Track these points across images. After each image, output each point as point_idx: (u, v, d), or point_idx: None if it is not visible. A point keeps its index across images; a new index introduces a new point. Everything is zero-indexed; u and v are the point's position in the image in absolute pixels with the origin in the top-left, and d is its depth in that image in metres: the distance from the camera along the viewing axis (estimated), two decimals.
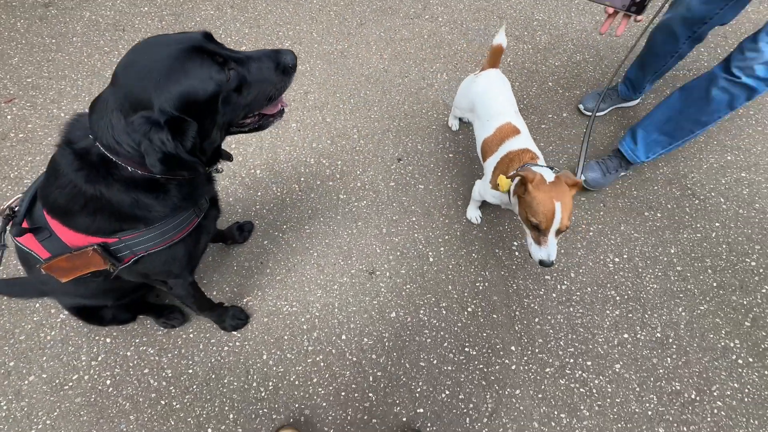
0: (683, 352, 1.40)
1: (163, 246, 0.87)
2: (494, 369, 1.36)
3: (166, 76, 0.69)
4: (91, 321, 1.21)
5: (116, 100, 0.71)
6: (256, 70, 0.80)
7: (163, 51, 0.71)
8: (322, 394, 1.31)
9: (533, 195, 1.07)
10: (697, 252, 1.58)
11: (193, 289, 1.13)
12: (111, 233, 0.82)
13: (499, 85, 1.45)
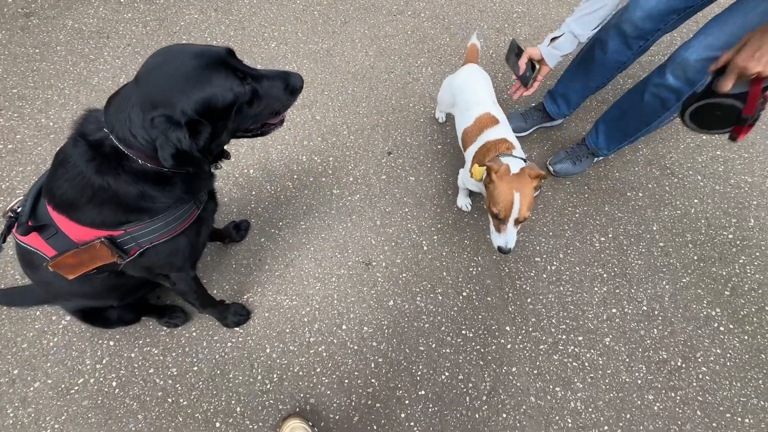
0: (668, 322, 1.47)
1: (167, 237, 0.91)
2: (491, 349, 1.42)
3: (192, 82, 0.77)
4: (97, 323, 1.23)
5: (139, 98, 0.76)
6: (268, 87, 0.89)
7: (191, 60, 0.78)
8: (326, 383, 1.35)
9: (496, 185, 1.13)
10: (677, 228, 1.66)
11: (195, 284, 1.16)
12: (117, 225, 0.85)
13: (479, 78, 1.50)
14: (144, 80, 0.78)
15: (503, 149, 1.28)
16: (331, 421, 1.30)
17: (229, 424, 1.29)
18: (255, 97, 0.87)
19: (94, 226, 0.83)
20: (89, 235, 0.84)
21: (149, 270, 1.00)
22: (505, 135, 1.33)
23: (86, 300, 1.10)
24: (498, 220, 1.16)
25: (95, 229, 0.84)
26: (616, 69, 1.51)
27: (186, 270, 1.07)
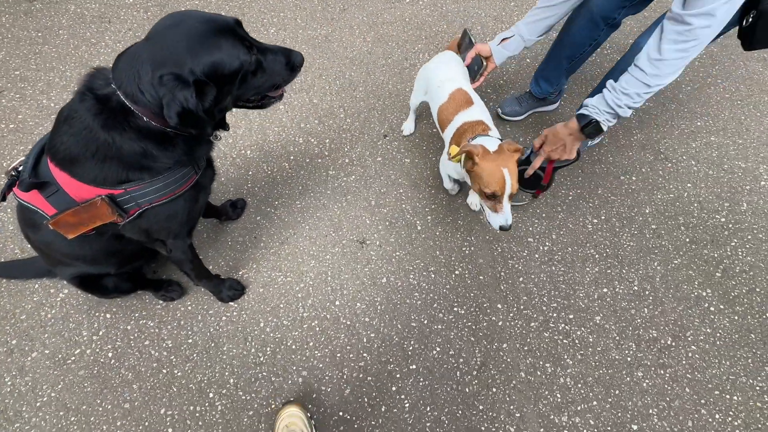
0: (659, 302, 1.48)
1: (166, 199, 0.93)
2: (482, 326, 1.43)
3: (202, 45, 0.80)
4: (94, 291, 1.25)
5: (149, 55, 0.78)
6: (271, 60, 0.93)
7: (202, 24, 0.81)
8: (319, 357, 1.37)
9: (482, 166, 1.13)
10: (670, 211, 1.67)
11: (190, 253, 1.18)
12: (117, 184, 0.87)
13: (452, 62, 1.50)
14: (155, 39, 0.80)
15: (480, 131, 1.28)
16: (323, 393, 1.32)
17: (222, 395, 1.31)
18: (259, 68, 0.90)
19: (95, 183, 0.85)
20: (90, 192, 0.86)
21: (147, 233, 1.02)
22: (482, 116, 1.34)
23: (84, 265, 1.12)
24: (493, 200, 1.16)
25: (96, 187, 0.85)
26: (588, 45, 1.54)
27: (182, 237, 1.09)
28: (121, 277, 1.24)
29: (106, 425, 1.26)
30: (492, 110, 1.91)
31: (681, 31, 1.00)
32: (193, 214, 1.06)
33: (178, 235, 1.06)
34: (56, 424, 1.26)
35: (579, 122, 1.23)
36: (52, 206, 0.88)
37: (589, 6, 1.43)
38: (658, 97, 1.98)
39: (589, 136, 1.23)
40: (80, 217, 0.87)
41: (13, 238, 1.54)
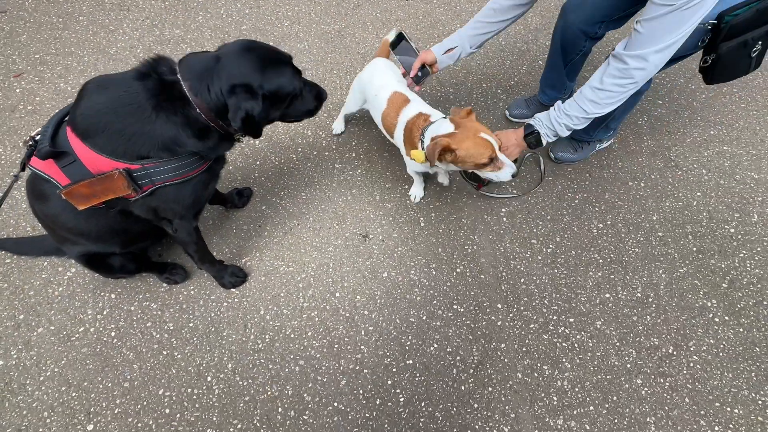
0: (662, 310, 1.46)
1: (178, 180, 0.97)
2: (481, 325, 1.43)
3: (272, 69, 0.99)
4: (100, 270, 1.27)
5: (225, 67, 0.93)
6: (308, 90, 1.14)
7: (271, 54, 1.01)
8: (316, 347, 1.38)
9: (464, 150, 1.17)
10: (678, 219, 1.64)
11: (196, 235, 1.20)
12: (137, 159, 0.91)
13: (385, 70, 1.52)
14: (230, 56, 0.95)
15: (422, 123, 1.31)
16: (319, 383, 1.32)
17: (220, 379, 1.32)
18: (301, 94, 1.10)
19: (114, 156, 0.88)
20: (107, 165, 0.89)
21: (155, 212, 1.04)
22: (419, 108, 1.37)
23: (89, 243, 1.14)
24: (491, 163, 1.20)
25: (115, 160, 0.88)
26: (576, 54, 1.60)
27: (188, 219, 1.12)
28: (126, 257, 1.27)
29: (105, 402, 1.28)
30: (501, 111, 1.91)
31: (620, 69, 1.11)
32: (201, 198, 1.10)
33: (184, 216, 1.09)
34: (58, 399, 1.28)
35: (525, 130, 1.33)
36: (67, 177, 0.90)
37: (567, 21, 1.50)
38: (670, 103, 1.96)
39: (530, 145, 1.34)
40: (94, 188, 0.89)
41: (25, 216, 1.58)
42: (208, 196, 1.17)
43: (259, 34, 2.12)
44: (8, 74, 1.96)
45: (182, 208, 1.06)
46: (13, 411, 1.27)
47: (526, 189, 1.70)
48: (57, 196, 0.94)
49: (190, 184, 1.02)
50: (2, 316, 1.40)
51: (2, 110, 1.85)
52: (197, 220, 1.18)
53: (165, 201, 1.02)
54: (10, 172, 1.68)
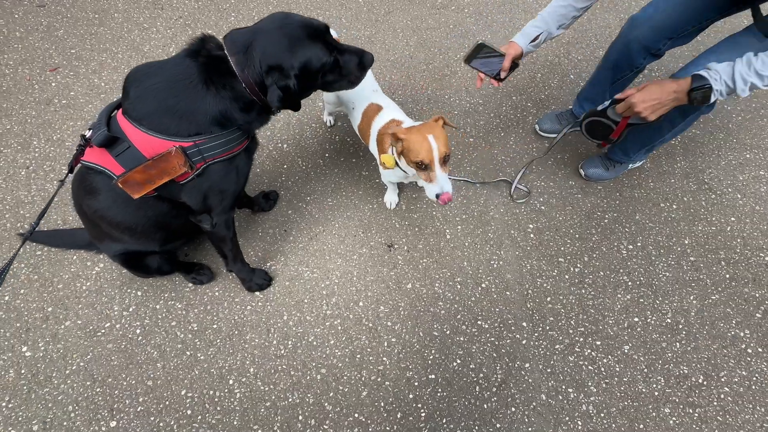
0: (693, 338, 1.42)
1: (225, 156, 1.01)
2: (505, 342, 1.41)
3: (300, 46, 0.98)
4: (137, 269, 1.29)
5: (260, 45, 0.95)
6: (347, 60, 1.08)
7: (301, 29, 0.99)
8: (339, 356, 1.37)
9: (408, 139, 1.13)
10: (711, 244, 1.60)
11: (233, 229, 1.25)
12: (189, 136, 0.94)
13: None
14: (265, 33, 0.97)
15: (394, 126, 1.29)
16: (340, 393, 1.32)
17: (242, 383, 1.33)
18: (336, 66, 1.06)
19: (168, 134, 0.91)
20: (162, 146, 0.91)
21: (204, 197, 1.07)
22: (392, 115, 1.34)
23: (132, 239, 1.15)
24: (425, 169, 1.13)
25: (168, 140, 0.91)
26: (630, 71, 1.55)
27: (227, 208, 1.16)
28: (163, 258, 1.28)
29: (128, 399, 1.29)
30: (530, 125, 1.89)
31: None
32: (241, 179, 1.15)
33: (226, 204, 1.13)
34: (82, 393, 1.30)
35: (692, 82, 1.11)
36: (121, 165, 0.92)
37: (631, 35, 1.44)
38: (705, 124, 1.91)
39: (693, 101, 1.13)
40: (149, 173, 0.92)
41: (56, 210, 1.60)
42: (245, 181, 1.20)
43: None
44: (45, 68, 2.00)
45: (230, 187, 1.10)
46: (39, 403, 1.28)
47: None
48: (108, 189, 0.98)
49: (233, 163, 1.06)
50: (32, 307, 1.43)
51: (38, 103, 1.88)
52: (234, 210, 1.22)
53: (214, 181, 1.05)
54: (43, 165, 1.71)
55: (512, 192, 1.51)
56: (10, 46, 2.06)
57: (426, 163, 1.11)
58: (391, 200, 1.65)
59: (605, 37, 2.19)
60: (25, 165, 1.71)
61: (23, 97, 1.90)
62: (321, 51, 1.00)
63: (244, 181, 1.18)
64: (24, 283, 1.47)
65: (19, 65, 2.00)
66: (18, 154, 1.74)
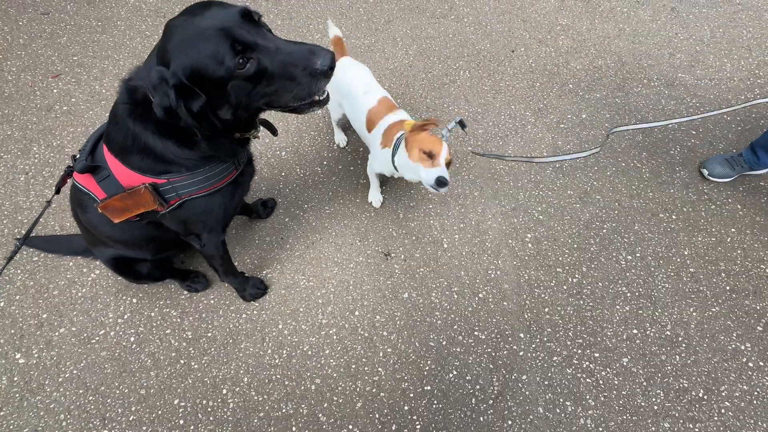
0: (692, 351, 1.40)
1: (205, 192, 0.95)
2: (502, 354, 1.39)
3: (186, 46, 0.73)
4: (128, 275, 1.28)
5: (158, 47, 0.77)
6: (281, 65, 0.77)
7: (198, 22, 0.74)
8: (333, 365, 1.36)
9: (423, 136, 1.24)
10: (711, 255, 1.59)
11: (222, 249, 1.20)
12: (159, 173, 0.89)
13: (357, 68, 1.54)
14: (167, 32, 0.77)
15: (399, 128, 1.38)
16: (335, 403, 1.30)
17: (236, 393, 1.31)
18: (263, 74, 0.77)
19: (141, 171, 0.88)
20: (136, 180, 0.89)
21: (185, 225, 1.04)
22: (403, 117, 1.44)
23: (125, 249, 1.15)
24: (431, 158, 1.22)
25: (142, 175, 0.88)
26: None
27: (216, 231, 1.11)
28: (155, 264, 1.27)
29: (121, 408, 1.28)
30: (529, 134, 1.89)
31: None
32: (229, 209, 1.08)
33: (213, 229, 1.09)
34: (75, 401, 1.29)
35: None
36: (103, 191, 0.92)
37: None
38: (705, 134, 1.91)
39: None
40: (126, 203, 0.90)
41: (54, 215, 1.61)
42: (236, 208, 1.16)
43: None
44: (47, 74, 2.01)
45: (212, 219, 1.05)
46: (30, 411, 1.27)
47: None
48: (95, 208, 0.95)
49: (216, 196, 0.99)
50: (26, 314, 1.42)
51: (39, 110, 1.90)
52: (225, 233, 1.18)
53: (193, 213, 1.01)
54: (42, 171, 1.72)
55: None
56: (13, 52, 2.09)
57: (435, 153, 1.21)
58: (375, 198, 1.66)
59: (604, 47, 2.20)
60: (25, 171, 1.72)
61: (25, 103, 1.92)
62: (219, 52, 0.72)
63: (232, 210, 1.11)
64: (20, 289, 1.46)
65: (22, 72, 2.02)
66: (18, 159, 1.75)
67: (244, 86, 0.78)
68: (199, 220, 1.04)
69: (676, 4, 2.39)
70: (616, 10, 2.36)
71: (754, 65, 2.12)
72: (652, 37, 2.24)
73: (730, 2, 2.40)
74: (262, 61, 0.77)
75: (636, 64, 2.14)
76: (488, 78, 2.07)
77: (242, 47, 0.74)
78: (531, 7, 2.38)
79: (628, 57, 2.16)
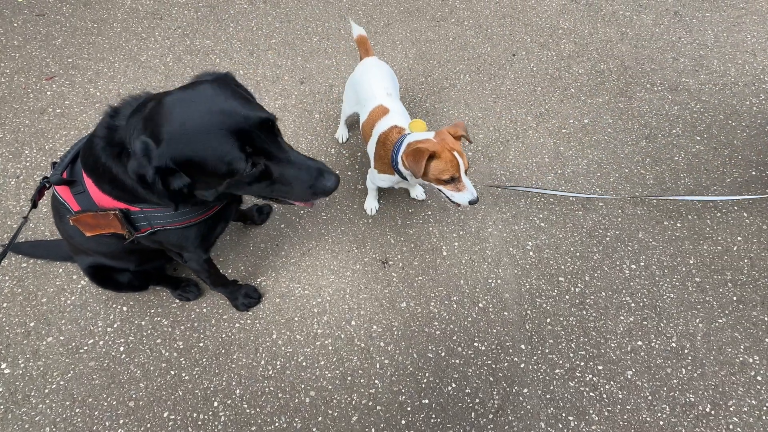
0: (699, 364, 1.36)
1: (179, 225, 0.92)
2: (502, 366, 1.35)
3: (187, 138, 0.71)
4: (107, 285, 1.24)
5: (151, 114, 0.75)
6: (289, 176, 0.80)
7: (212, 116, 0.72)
8: (329, 377, 1.32)
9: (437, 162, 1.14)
10: (717, 264, 1.55)
11: (207, 265, 1.16)
12: (133, 203, 0.86)
13: (374, 71, 1.45)
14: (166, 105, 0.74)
15: (395, 135, 1.28)
16: (329, 417, 1.26)
17: (227, 405, 1.27)
18: (263, 179, 0.80)
19: (113, 197, 0.86)
20: (108, 203, 0.86)
21: (162, 245, 1.01)
22: (395, 122, 1.31)
23: (105, 258, 1.12)
24: (453, 183, 1.17)
25: (114, 200, 0.86)
26: None
27: (197, 254, 1.08)
28: (135, 274, 1.23)
29: (108, 421, 1.24)
30: (530, 139, 1.85)
31: None
32: (208, 238, 1.05)
33: (192, 252, 1.06)
34: (61, 414, 1.25)
35: None
36: (78, 204, 0.89)
37: None
38: (709, 140, 1.87)
39: None
40: (98, 220, 0.88)
41: (44, 220, 1.57)
42: (219, 235, 1.11)
43: (288, 48, 2.12)
44: (41, 77, 1.98)
45: (190, 245, 1.01)
46: (15, 423, 1.23)
47: None
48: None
49: (191, 229, 0.95)
50: (13, 322, 1.38)
51: (32, 112, 1.87)
52: (208, 252, 1.14)
53: (166, 240, 0.98)
54: (33, 174, 1.69)
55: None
56: (7, 54, 2.06)
57: (455, 177, 1.16)
58: (371, 206, 1.62)
59: (606, 51, 2.17)
60: (16, 174, 1.68)
61: (17, 105, 1.88)
62: (229, 154, 0.72)
63: (213, 238, 1.07)
64: (7, 296, 1.42)
65: (16, 74, 1.99)
66: (9, 163, 1.71)
67: (240, 184, 0.79)
68: (176, 245, 1.01)
69: (679, 8, 2.36)
70: (618, 14, 2.33)
71: (759, 70, 2.09)
72: (655, 41, 2.21)
73: (734, 6, 2.37)
74: (270, 168, 0.79)
75: (639, 69, 2.10)
76: (489, 82, 2.04)
77: (252, 151, 0.75)
78: (532, 10, 2.35)
79: (631, 61, 2.13)
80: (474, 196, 1.17)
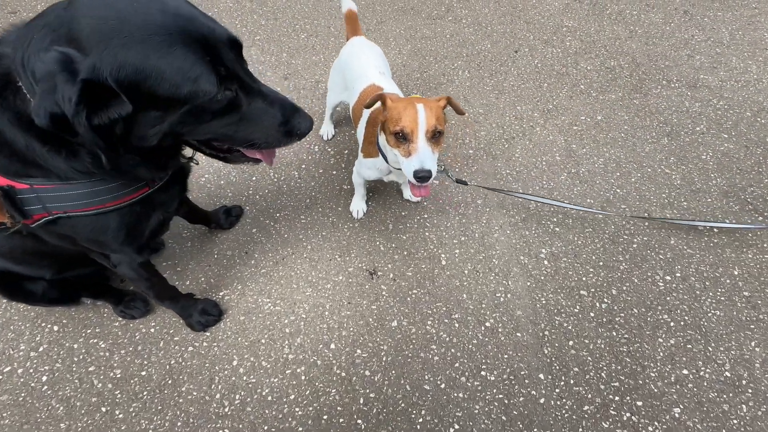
0: (762, 398, 1.09)
1: (89, 211, 0.68)
2: (517, 401, 1.08)
3: (138, 40, 0.52)
4: (15, 296, 0.98)
5: (60, 19, 0.54)
6: (258, 110, 0.67)
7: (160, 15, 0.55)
8: (300, 416, 1.05)
9: (391, 106, 0.95)
10: (766, 276, 1.31)
11: (145, 271, 0.92)
12: (18, 176, 0.63)
13: (364, 50, 1.31)
14: (85, 3, 0.55)
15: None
16: None
17: None
18: (231, 111, 0.64)
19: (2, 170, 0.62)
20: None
21: (72, 242, 0.77)
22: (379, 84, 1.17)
23: (7, 262, 0.88)
24: (404, 140, 0.93)
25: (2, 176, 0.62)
26: None
27: (126, 254, 0.84)
28: (53, 284, 0.98)
29: None
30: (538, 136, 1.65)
31: None
32: (139, 231, 0.80)
33: (117, 251, 0.81)
34: None
35: None
36: None
37: None
38: (738, 138, 1.68)
39: None
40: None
41: None
42: (157, 230, 0.86)
43: (273, 45, 1.97)
44: None
45: (111, 241, 0.76)
46: None
47: None
48: None
49: (112, 216, 0.72)
50: None
51: None
52: (143, 254, 0.89)
53: (77, 233, 0.73)
54: None
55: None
56: None
57: (407, 132, 0.91)
58: (358, 208, 1.40)
59: (615, 48, 2.02)
60: None
61: None
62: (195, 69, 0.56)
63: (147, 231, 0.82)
64: None
65: None
66: None
67: (200, 116, 0.62)
68: (92, 241, 0.76)
69: (689, 7, 2.24)
70: (625, 12, 2.21)
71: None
72: (666, 39, 2.06)
73: (747, 6, 2.25)
74: (241, 99, 0.65)
75: (652, 66, 1.94)
76: (490, 78, 1.87)
77: (226, 74, 0.60)
78: (533, 9, 2.23)
79: (643, 58, 1.97)
80: (420, 166, 0.89)
